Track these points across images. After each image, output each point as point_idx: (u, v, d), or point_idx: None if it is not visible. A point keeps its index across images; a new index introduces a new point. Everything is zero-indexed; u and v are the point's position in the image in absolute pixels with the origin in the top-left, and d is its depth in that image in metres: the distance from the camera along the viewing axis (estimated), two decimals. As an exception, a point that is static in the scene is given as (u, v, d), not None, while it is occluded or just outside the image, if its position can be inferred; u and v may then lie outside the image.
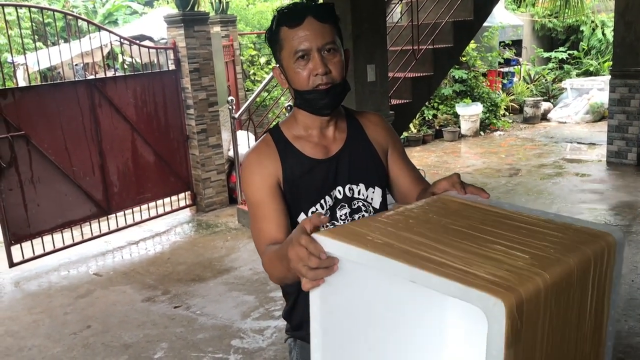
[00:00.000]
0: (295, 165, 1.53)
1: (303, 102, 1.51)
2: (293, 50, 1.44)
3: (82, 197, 5.50)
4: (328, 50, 1.45)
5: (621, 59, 7.07)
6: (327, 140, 1.58)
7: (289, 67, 1.48)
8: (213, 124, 6.34)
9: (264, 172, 1.51)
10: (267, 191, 1.49)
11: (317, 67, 1.44)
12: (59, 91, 5.29)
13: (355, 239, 1.01)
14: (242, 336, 3.77)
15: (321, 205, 1.53)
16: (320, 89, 1.46)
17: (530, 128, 10.26)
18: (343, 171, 1.56)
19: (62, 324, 4.11)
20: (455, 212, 1.18)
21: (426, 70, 6.19)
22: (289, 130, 1.58)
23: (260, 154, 1.54)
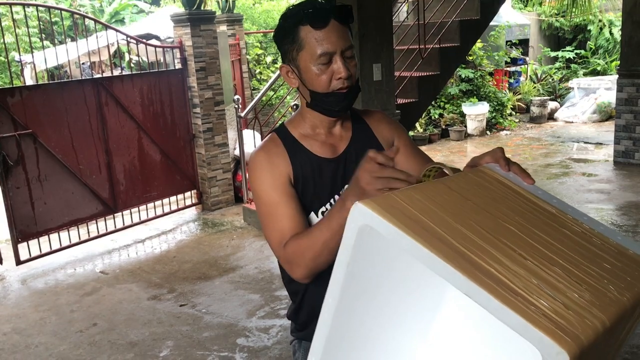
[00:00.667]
0: (305, 164, 1.51)
1: (319, 104, 1.48)
2: (317, 53, 1.41)
3: (89, 195, 5.52)
4: (348, 55, 1.44)
5: (629, 58, 7.04)
6: (334, 138, 1.56)
7: (308, 69, 1.44)
8: (219, 123, 6.36)
9: (275, 170, 1.47)
10: (282, 190, 1.46)
11: (341, 72, 1.42)
12: (66, 90, 5.31)
13: (406, 222, 0.93)
14: (248, 335, 3.78)
15: (331, 205, 1.52)
16: (339, 92, 1.45)
17: (537, 127, 10.23)
18: (351, 170, 1.53)
19: (68, 322, 4.12)
20: (503, 199, 1.10)
21: (432, 69, 6.18)
22: (296, 129, 1.56)
23: (269, 152, 1.51)
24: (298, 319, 1.65)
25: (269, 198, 1.46)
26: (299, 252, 1.37)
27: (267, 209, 1.46)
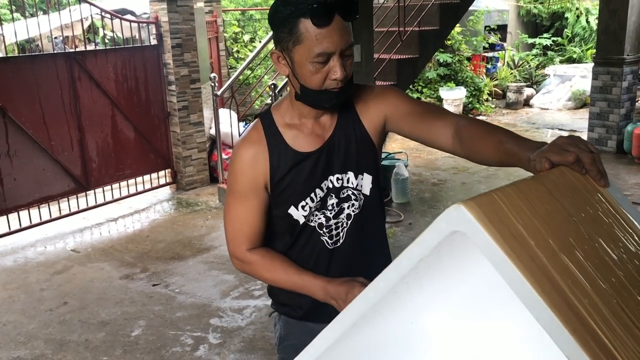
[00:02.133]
0: (283, 162, 1.48)
1: (308, 99, 1.43)
2: (314, 51, 1.33)
3: (61, 173, 5.42)
4: (347, 53, 1.37)
5: (604, 46, 7.10)
6: (320, 127, 1.51)
7: (302, 64, 1.36)
8: (195, 101, 6.26)
9: (250, 174, 1.49)
10: (250, 194, 1.50)
11: (337, 72, 1.35)
12: (38, 63, 5.18)
13: (511, 243, 0.80)
14: (221, 315, 3.76)
15: (311, 199, 1.50)
16: (332, 90, 1.39)
17: (512, 113, 10.31)
18: (334, 160, 1.50)
19: (38, 300, 4.06)
20: (601, 218, 0.99)
21: (412, 52, 6.16)
22: (282, 116, 1.51)
23: (250, 150, 1.49)
24: (278, 297, 1.65)
25: (240, 194, 1.51)
26: (256, 269, 1.53)
27: (234, 203, 1.52)
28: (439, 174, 6.66)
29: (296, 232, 1.53)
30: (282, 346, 1.68)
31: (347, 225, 1.54)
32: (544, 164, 1.03)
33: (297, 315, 1.62)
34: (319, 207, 1.51)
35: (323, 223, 1.52)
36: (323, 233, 1.53)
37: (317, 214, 1.51)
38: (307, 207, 1.50)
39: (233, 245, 1.55)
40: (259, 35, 9.41)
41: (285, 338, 1.67)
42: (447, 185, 6.25)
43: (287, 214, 1.51)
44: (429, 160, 7.33)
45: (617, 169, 6.57)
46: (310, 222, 1.52)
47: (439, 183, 6.34)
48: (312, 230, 1.53)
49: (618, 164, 6.74)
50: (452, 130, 1.40)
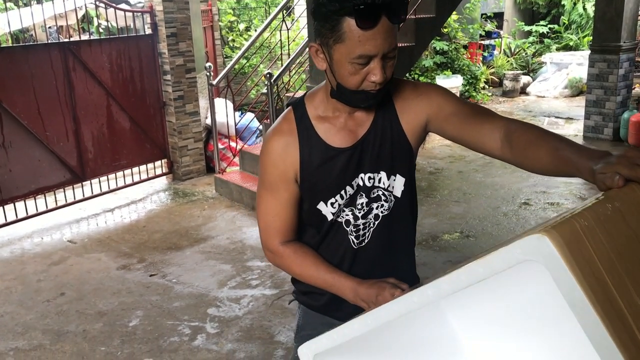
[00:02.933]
0: (315, 156, 1.44)
1: (344, 97, 1.39)
2: (356, 53, 1.28)
3: (56, 163, 5.40)
4: (390, 55, 1.31)
5: (601, 34, 7.08)
6: (354, 123, 1.46)
7: (341, 63, 1.31)
8: (190, 91, 6.24)
9: (280, 166, 1.46)
10: (281, 186, 1.48)
11: (376, 75, 1.30)
12: (32, 54, 5.14)
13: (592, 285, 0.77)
14: (219, 305, 3.77)
15: (341, 196, 1.46)
16: (369, 91, 1.34)
17: (509, 101, 10.30)
18: (366, 158, 1.46)
19: (35, 291, 4.05)
20: None
21: (408, 40, 6.13)
22: (316, 108, 1.47)
23: (281, 141, 1.46)
24: (301, 286, 1.64)
25: (271, 186, 1.49)
26: (288, 264, 1.52)
27: (266, 195, 1.50)
28: (436, 163, 6.66)
29: (324, 229, 1.51)
30: (299, 335, 1.68)
31: (374, 226, 1.50)
32: (618, 181, 0.96)
33: (317, 304, 1.62)
34: (347, 204, 1.48)
35: (350, 221, 1.49)
36: (350, 232, 1.50)
37: (346, 210, 1.48)
38: (336, 205, 1.47)
39: (265, 237, 1.53)
40: (255, 24, 9.36)
41: (303, 327, 1.68)
42: (443, 174, 6.26)
43: (316, 209, 1.48)
44: (426, 149, 7.32)
45: (614, 156, 6.57)
46: (338, 219, 1.49)
47: (436, 172, 6.34)
48: (339, 226, 1.50)
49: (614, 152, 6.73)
50: (502, 134, 1.32)
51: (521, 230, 4.68)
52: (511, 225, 4.80)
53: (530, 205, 5.20)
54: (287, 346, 3.26)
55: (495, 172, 6.19)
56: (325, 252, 1.52)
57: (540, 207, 5.14)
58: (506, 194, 5.51)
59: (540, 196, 5.41)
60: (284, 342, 3.30)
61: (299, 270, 1.50)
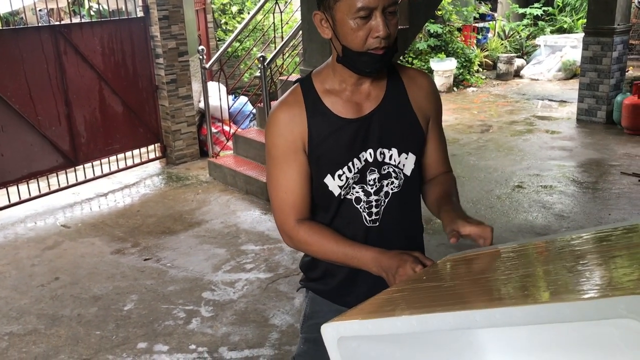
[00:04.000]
0: (323, 126, 1.44)
1: (350, 62, 1.39)
2: (355, 6, 1.30)
3: (49, 148, 5.37)
4: (391, 11, 1.33)
5: (595, 16, 7.07)
6: (360, 96, 1.47)
7: (344, 22, 1.33)
8: (183, 74, 6.20)
9: (288, 137, 1.44)
10: (290, 159, 1.45)
11: (379, 30, 1.31)
12: (22, 37, 5.09)
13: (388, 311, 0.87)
14: (213, 288, 3.78)
15: (349, 168, 1.46)
16: (375, 52, 1.35)
17: (503, 84, 10.29)
18: (374, 133, 1.46)
19: (29, 276, 4.05)
20: None
21: (402, 23, 6.09)
22: (322, 83, 1.48)
23: (288, 111, 1.45)
24: (312, 271, 1.62)
25: (278, 159, 1.46)
26: (304, 243, 1.47)
27: (275, 171, 1.48)
28: (430, 146, 6.66)
29: (333, 207, 1.49)
30: (307, 325, 1.66)
31: (384, 204, 1.50)
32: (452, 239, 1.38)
33: (327, 289, 1.59)
34: (357, 180, 1.47)
35: (361, 198, 1.49)
36: (362, 208, 1.49)
37: (356, 187, 1.48)
38: (343, 177, 1.46)
39: (281, 218, 1.49)
40: (247, 6, 9.28)
41: (311, 316, 1.65)
42: (437, 157, 6.26)
43: (323, 183, 1.47)
44: (420, 132, 7.31)
45: (607, 139, 6.60)
46: (348, 196, 1.48)
47: (430, 155, 6.35)
48: (349, 204, 1.49)
49: (607, 135, 6.76)
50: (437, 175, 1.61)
51: (514, 213, 4.70)
52: (504, 208, 4.82)
53: (523, 188, 5.22)
54: (282, 329, 3.28)
55: (489, 155, 6.20)
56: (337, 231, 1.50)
57: (534, 190, 5.16)
58: (499, 177, 5.52)
59: (533, 179, 5.43)
60: (279, 325, 3.32)
61: (317, 246, 1.46)
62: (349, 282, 1.51)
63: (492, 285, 1.05)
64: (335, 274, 1.53)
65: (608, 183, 5.28)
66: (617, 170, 5.58)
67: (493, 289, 1.03)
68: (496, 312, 0.87)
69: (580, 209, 4.75)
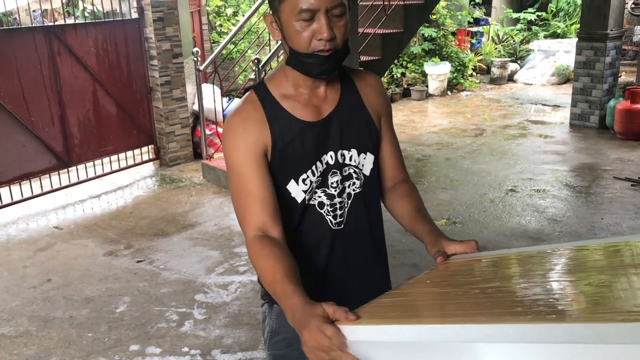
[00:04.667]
0: (285, 129, 1.40)
1: (298, 63, 1.37)
2: (297, 8, 1.28)
3: (42, 149, 5.34)
4: (336, 14, 1.31)
5: (588, 21, 7.11)
6: (318, 99, 1.45)
7: (288, 24, 1.32)
8: (177, 76, 6.19)
9: (249, 139, 1.38)
10: (252, 163, 1.38)
11: (322, 32, 1.29)
12: (16, 37, 5.07)
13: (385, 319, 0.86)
14: (206, 291, 3.77)
15: (312, 172, 1.43)
16: (321, 54, 1.32)
17: (496, 89, 10.32)
18: (335, 135, 1.45)
19: (21, 278, 4.03)
20: None
21: (396, 26, 6.12)
22: (277, 87, 1.45)
23: (245, 117, 1.41)
24: None
25: (238, 169, 1.40)
26: (253, 261, 1.35)
27: (237, 181, 1.41)
28: (423, 150, 6.68)
29: (297, 214, 1.45)
30: (274, 341, 1.57)
31: (347, 206, 1.48)
32: None
33: None
34: (319, 184, 1.45)
35: (324, 202, 1.46)
36: (327, 212, 1.47)
37: (318, 191, 1.45)
38: (308, 181, 1.43)
39: (246, 228, 1.39)
40: (242, 8, 9.28)
41: (278, 332, 1.56)
42: (431, 161, 6.28)
43: (286, 190, 1.43)
44: (413, 135, 7.33)
45: (600, 144, 6.63)
46: (311, 201, 1.45)
47: (423, 159, 6.36)
48: (313, 210, 1.46)
49: (600, 139, 6.80)
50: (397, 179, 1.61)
51: (507, 217, 4.72)
52: (497, 211, 4.83)
53: (516, 192, 5.23)
54: (275, 332, 3.27)
55: (482, 159, 6.22)
56: (302, 239, 1.47)
57: (527, 194, 5.18)
58: (493, 181, 5.54)
59: (526, 183, 5.45)
60: (272, 327, 3.31)
61: (259, 271, 1.34)
62: (316, 291, 1.42)
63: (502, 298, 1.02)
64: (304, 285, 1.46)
65: (601, 187, 5.30)
66: (609, 174, 5.60)
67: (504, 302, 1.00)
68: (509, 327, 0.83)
69: (573, 213, 4.76)
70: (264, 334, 1.62)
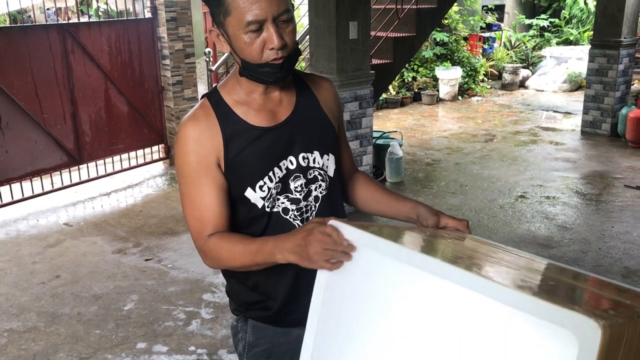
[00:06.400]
0: (239, 137, 1.38)
1: (252, 74, 1.35)
2: (244, 21, 1.26)
3: (53, 146, 5.38)
4: (283, 20, 1.29)
5: (602, 29, 7.07)
6: (272, 103, 1.43)
7: (237, 37, 1.29)
8: (189, 76, 6.21)
9: (202, 147, 1.36)
10: (206, 171, 1.37)
11: (273, 41, 1.27)
12: (30, 35, 5.10)
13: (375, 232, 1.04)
14: (214, 290, 3.77)
15: (270, 178, 1.40)
16: (274, 62, 1.31)
17: (508, 94, 10.29)
18: (295, 139, 1.43)
19: (30, 273, 4.05)
20: None
21: (408, 30, 6.11)
22: (230, 94, 1.42)
23: (197, 124, 1.37)
24: (247, 297, 1.52)
25: (191, 177, 1.38)
26: (216, 254, 1.38)
27: (187, 189, 1.39)
28: (433, 154, 6.66)
29: (261, 221, 1.42)
30: (252, 354, 1.55)
31: (315, 209, 1.46)
32: None
33: (269, 314, 1.49)
34: (280, 190, 1.41)
35: (288, 208, 1.43)
36: (293, 217, 1.44)
37: (280, 197, 1.42)
38: (265, 188, 1.40)
39: (196, 237, 1.40)
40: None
41: (255, 344, 1.54)
42: (440, 166, 6.26)
43: (244, 197, 1.40)
44: (423, 140, 7.32)
45: (611, 152, 6.59)
46: (274, 209, 1.42)
47: (433, 163, 6.35)
48: (277, 217, 1.42)
49: (612, 147, 6.75)
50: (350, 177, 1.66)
51: (517, 223, 4.69)
52: (507, 217, 4.81)
53: (526, 199, 5.21)
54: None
55: (492, 165, 6.19)
56: None
57: (537, 201, 5.15)
58: (502, 187, 5.52)
59: (536, 189, 5.42)
60: (279, 329, 3.32)
61: (227, 253, 1.36)
62: (292, 298, 1.44)
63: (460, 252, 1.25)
64: (276, 295, 1.44)
65: (611, 195, 5.27)
66: (620, 183, 5.57)
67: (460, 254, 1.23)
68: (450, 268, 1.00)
69: (583, 220, 4.74)
70: (237, 348, 1.60)
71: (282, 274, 1.42)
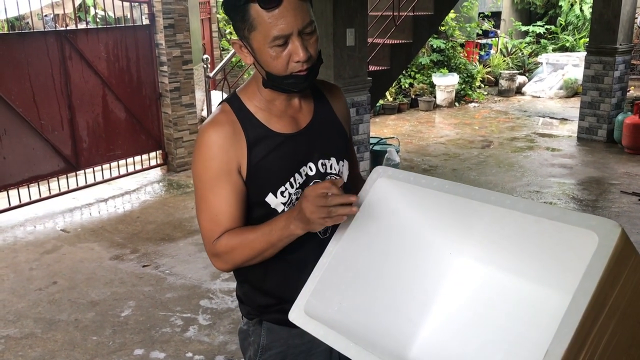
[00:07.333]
0: (262, 143, 1.38)
1: (277, 85, 1.36)
2: (270, 36, 1.26)
3: (50, 152, 5.38)
4: (308, 32, 1.30)
5: (598, 35, 7.11)
6: (293, 110, 1.44)
7: (262, 51, 1.30)
8: (187, 83, 6.22)
9: (223, 157, 1.35)
10: (227, 178, 1.36)
11: (299, 54, 1.29)
12: (28, 41, 5.11)
13: None
14: (211, 297, 3.77)
15: (291, 184, 1.41)
16: (300, 74, 1.32)
17: (504, 101, 10.32)
18: (314, 145, 1.44)
19: (27, 279, 4.05)
20: None
21: (405, 37, 6.14)
22: (251, 100, 1.42)
23: (221, 132, 1.36)
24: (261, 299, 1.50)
25: (210, 182, 1.37)
26: (229, 250, 1.36)
27: (205, 193, 1.38)
28: (430, 160, 6.68)
29: None
30: (265, 357, 1.52)
31: None
32: None
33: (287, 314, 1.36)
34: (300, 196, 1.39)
35: None
36: None
37: None
38: (286, 194, 1.41)
39: (209, 242, 1.39)
40: (252, 17, 9.33)
41: (269, 347, 1.52)
42: (438, 172, 6.27)
43: (264, 202, 1.40)
44: (421, 146, 7.34)
45: (607, 158, 6.61)
46: None
47: (430, 169, 6.36)
48: None
49: (608, 153, 6.78)
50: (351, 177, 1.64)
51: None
52: (504, 224, 4.81)
53: (523, 205, 5.22)
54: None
55: (489, 171, 6.21)
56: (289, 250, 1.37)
57: (533, 207, 5.16)
58: (500, 193, 5.52)
59: (533, 195, 5.44)
60: (276, 335, 3.31)
61: (241, 244, 1.35)
62: None
63: None
64: (291, 297, 1.34)
65: (608, 202, 5.29)
66: (617, 189, 5.59)
67: None
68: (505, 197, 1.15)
69: (579, 226, 4.74)
70: (245, 352, 1.57)
71: (299, 277, 1.39)
